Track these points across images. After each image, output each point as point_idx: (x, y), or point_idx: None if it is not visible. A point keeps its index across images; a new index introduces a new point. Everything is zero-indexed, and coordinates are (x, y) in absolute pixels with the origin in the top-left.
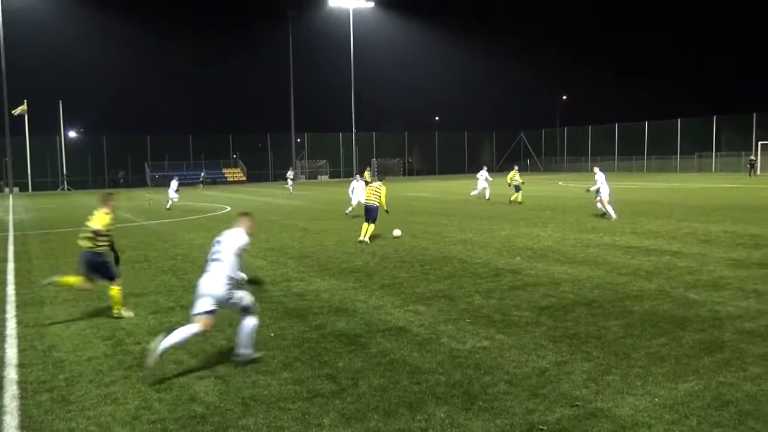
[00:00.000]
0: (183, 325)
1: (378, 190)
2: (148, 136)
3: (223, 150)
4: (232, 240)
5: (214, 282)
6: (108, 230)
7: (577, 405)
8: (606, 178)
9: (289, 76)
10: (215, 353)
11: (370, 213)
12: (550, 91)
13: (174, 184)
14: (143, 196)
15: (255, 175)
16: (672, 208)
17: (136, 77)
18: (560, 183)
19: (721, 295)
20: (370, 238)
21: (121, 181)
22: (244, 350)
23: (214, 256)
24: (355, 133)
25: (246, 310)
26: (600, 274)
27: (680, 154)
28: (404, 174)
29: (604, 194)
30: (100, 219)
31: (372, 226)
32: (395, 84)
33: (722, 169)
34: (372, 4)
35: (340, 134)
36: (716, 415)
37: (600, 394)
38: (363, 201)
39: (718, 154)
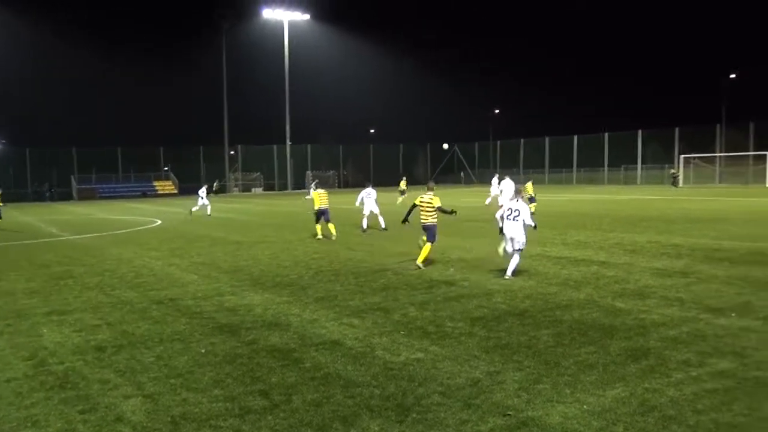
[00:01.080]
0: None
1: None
2: (74, 148)
3: (154, 162)
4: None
5: (520, 230)
6: None
7: (508, 414)
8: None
9: (223, 88)
10: (143, 371)
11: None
12: (484, 105)
13: (203, 191)
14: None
15: (188, 188)
16: (600, 220)
17: (61, 88)
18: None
19: (646, 303)
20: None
21: (47, 194)
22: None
23: (515, 215)
24: (290, 145)
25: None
26: (531, 284)
27: (608, 166)
28: (340, 186)
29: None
30: None
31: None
32: (330, 96)
33: (647, 182)
34: (307, 17)
35: (275, 146)
36: (642, 420)
37: (531, 403)
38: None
39: (643, 166)
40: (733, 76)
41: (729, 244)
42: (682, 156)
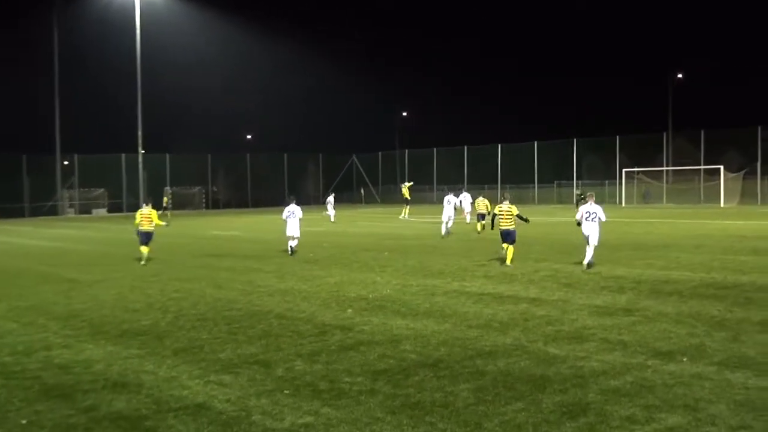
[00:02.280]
0: None
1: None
2: None
3: None
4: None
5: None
6: None
7: None
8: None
9: (54, 82)
10: None
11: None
12: (388, 109)
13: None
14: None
15: (4, 210)
16: (529, 247)
17: None
18: (401, 217)
19: (584, 348)
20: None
21: None
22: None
23: (592, 217)
24: (143, 154)
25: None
26: (447, 327)
27: (538, 182)
28: (207, 206)
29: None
30: None
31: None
32: (196, 95)
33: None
34: None
35: (123, 155)
36: None
37: None
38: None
39: (580, 182)
40: (680, 76)
41: (679, 275)
42: (624, 170)
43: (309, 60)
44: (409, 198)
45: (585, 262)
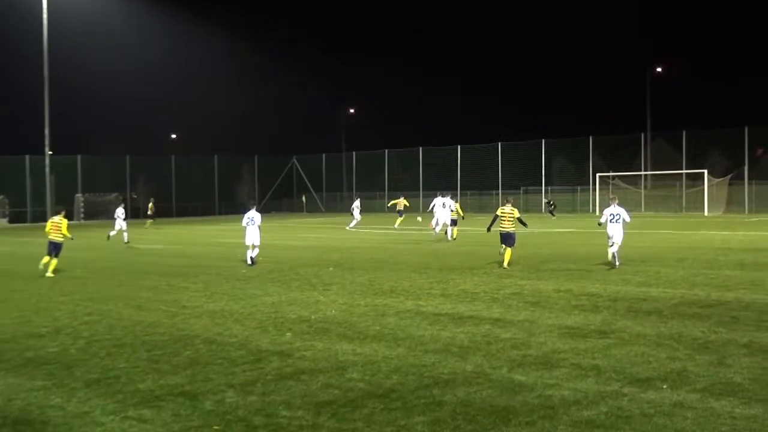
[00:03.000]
0: None
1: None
2: None
3: None
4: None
5: (620, 230)
6: None
7: None
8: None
9: None
10: None
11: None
12: (333, 106)
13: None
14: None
15: None
16: (492, 260)
17: None
18: (347, 228)
19: (553, 374)
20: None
21: None
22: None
23: (617, 218)
24: (50, 155)
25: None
26: (400, 352)
27: (502, 188)
28: (127, 216)
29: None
30: None
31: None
32: (113, 89)
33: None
34: None
35: (27, 157)
36: None
37: None
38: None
39: (549, 188)
40: (659, 70)
41: (659, 293)
42: (598, 174)
43: (243, 51)
44: (401, 209)
45: (616, 261)
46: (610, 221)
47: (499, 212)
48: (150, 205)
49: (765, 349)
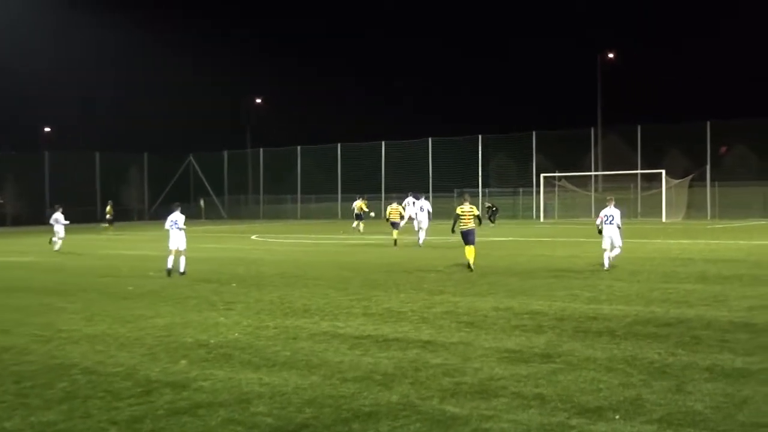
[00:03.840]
0: None
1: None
2: None
3: None
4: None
5: (616, 231)
6: None
7: None
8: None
9: None
10: None
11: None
12: (237, 98)
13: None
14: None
15: None
16: (424, 274)
17: None
18: (254, 237)
19: (491, 405)
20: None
21: None
22: None
23: (611, 220)
24: None
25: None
26: (314, 382)
27: (433, 190)
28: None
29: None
30: None
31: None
32: None
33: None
34: None
35: None
36: None
37: None
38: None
39: (486, 190)
40: (611, 56)
41: (611, 310)
42: (543, 175)
43: (131, 33)
44: (361, 214)
45: (606, 262)
46: (605, 222)
47: (458, 211)
48: (108, 208)
49: (729, 373)
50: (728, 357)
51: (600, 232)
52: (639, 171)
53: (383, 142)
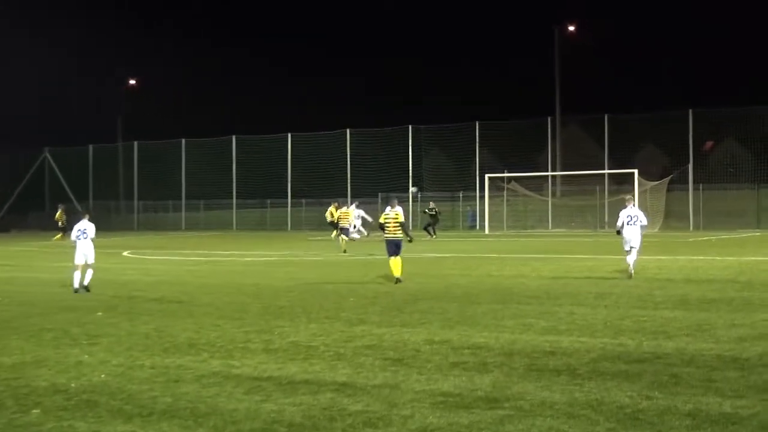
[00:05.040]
0: None
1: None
2: None
3: None
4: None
5: (638, 233)
6: None
7: None
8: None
9: None
10: None
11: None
12: (106, 80)
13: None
14: None
15: None
16: (338, 299)
17: None
18: (127, 253)
19: None
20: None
21: None
22: None
23: (634, 221)
24: None
25: None
26: None
27: (352, 193)
28: None
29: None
30: None
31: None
32: None
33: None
34: None
35: None
36: None
37: None
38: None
39: (419, 195)
40: (572, 29)
41: (571, 343)
42: (488, 176)
43: None
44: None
45: (631, 270)
46: (627, 223)
47: (382, 219)
48: (59, 213)
49: (715, 420)
50: (714, 400)
51: (619, 233)
52: (606, 171)
53: (289, 135)
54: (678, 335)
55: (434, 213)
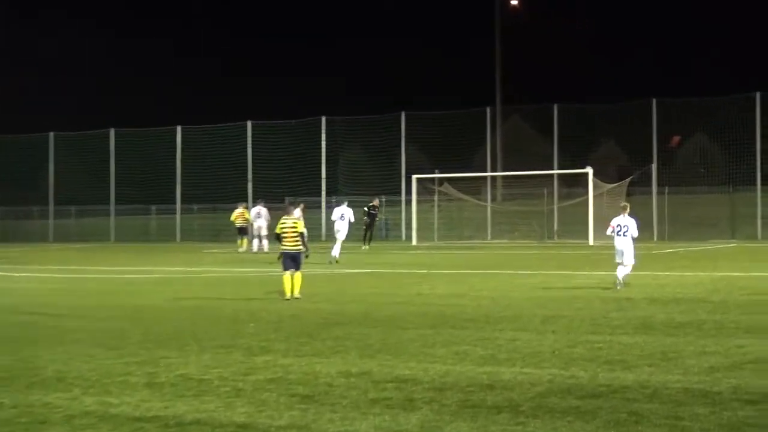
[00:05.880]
0: None
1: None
2: None
3: None
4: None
5: (629, 244)
6: None
7: None
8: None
9: None
10: None
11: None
12: None
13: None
14: None
15: None
16: (236, 324)
17: None
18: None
19: None
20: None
21: None
22: None
23: (624, 231)
24: None
25: None
26: None
27: (253, 195)
28: None
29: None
30: None
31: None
32: None
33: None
34: None
35: None
36: None
37: None
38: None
39: (333, 199)
40: (515, 2)
41: (514, 374)
42: (415, 176)
43: None
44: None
45: (619, 279)
46: (617, 233)
47: (278, 228)
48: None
49: None
50: None
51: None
52: (555, 171)
53: (179, 127)
54: (639, 365)
55: (374, 213)
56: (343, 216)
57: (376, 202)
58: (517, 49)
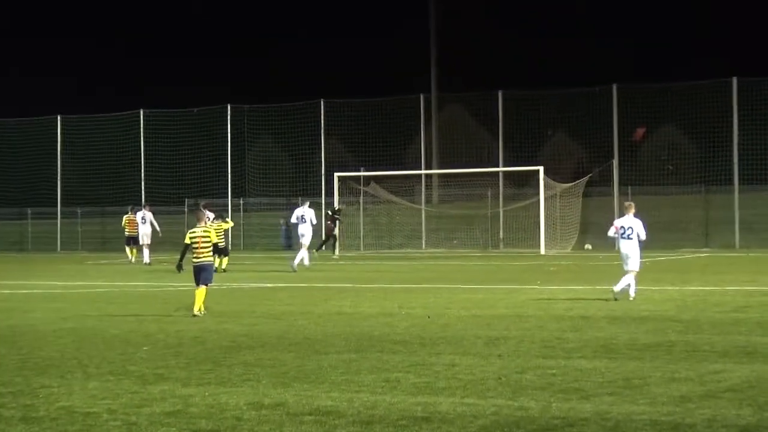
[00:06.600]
0: None
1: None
2: None
3: None
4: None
5: (635, 249)
6: None
7: None
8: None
9: None
10: None
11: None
12: None
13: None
14: None
15: None
16: (128, 347)
17: None
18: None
19: None
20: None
21: None
22: None
23: (629, 233)
24: None
25: None
26: None
27: (147, 199)
28: None
29: None
30: None
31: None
32: None
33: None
34: None
35: None
36: None
37: None
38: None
39: (241, 200)
40: None
41: (453, 405)
42: (338, 174)
43: None
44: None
45: (616, 288)
46: (621, 236)
47: (188, 238)
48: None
49: None
50: None
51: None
52: (501, 169)
53: (59, 117)
54: (599, 394)
55: (338, 218)
56: (303, 218)
57: (342, 206)
58: (456, 27)
